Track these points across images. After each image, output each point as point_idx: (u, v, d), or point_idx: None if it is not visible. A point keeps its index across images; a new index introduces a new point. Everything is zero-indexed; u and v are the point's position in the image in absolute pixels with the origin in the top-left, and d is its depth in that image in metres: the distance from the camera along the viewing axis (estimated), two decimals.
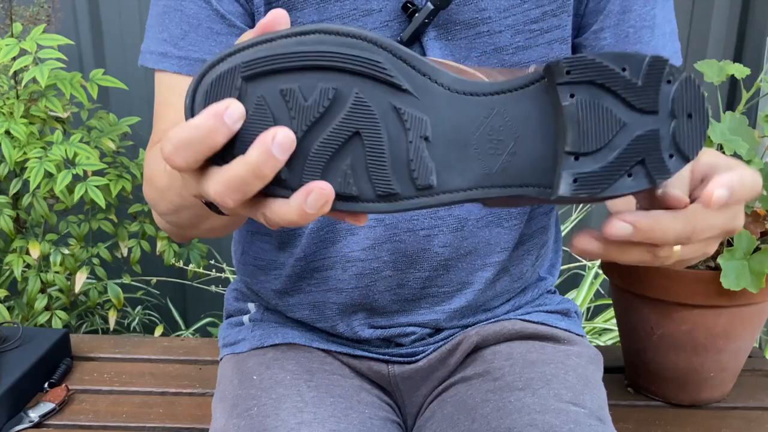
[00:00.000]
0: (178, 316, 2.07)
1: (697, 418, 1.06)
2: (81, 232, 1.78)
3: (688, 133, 0.45)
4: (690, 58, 1.96)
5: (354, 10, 0.75)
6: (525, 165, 0.47)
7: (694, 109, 0.45)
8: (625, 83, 0.45)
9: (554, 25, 0.78)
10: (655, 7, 0.80)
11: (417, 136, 0.45)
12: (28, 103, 1.65)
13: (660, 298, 1.02)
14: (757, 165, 1.00)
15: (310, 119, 0.44)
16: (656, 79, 0.45)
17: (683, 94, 0.45)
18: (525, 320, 0.89)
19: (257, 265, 0.90)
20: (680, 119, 0.45)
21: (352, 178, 0.45)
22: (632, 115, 0.45)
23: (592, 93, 0.45)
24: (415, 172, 0.45)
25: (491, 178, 0.47)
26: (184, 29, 0.77)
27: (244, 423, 0.75)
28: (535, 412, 0.74)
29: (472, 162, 0.46)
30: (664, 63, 0.45)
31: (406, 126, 0.45)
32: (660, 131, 0.45)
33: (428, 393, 0.88)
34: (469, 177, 0.46)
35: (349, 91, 0.44)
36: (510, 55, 0.78)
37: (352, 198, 0.45)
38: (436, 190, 0.46)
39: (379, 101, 0.45)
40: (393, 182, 0.45)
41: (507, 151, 0.47)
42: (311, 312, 0.87)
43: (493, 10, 0.76)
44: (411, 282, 0.83)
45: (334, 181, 0.45)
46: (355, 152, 0.45)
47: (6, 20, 1.64)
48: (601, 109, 0.45)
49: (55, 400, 1.06)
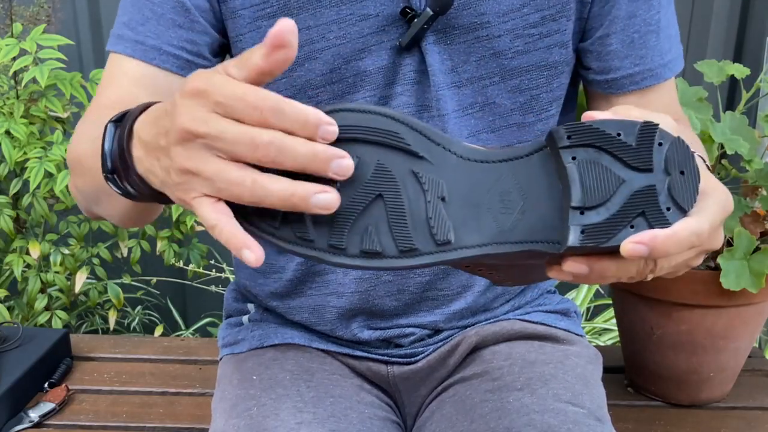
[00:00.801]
0: (178, 316, 2.07)
1: (697, 418, 1.06)
2: (81, 232, 1.78)
3: (682, 187, 0.49)
4: (690, 58, 1.95)
5: (350, 15, 0.75)
6: (535, 222, 0.50)
7: (686, 167, 0.49)
8: (620, 145, 0.49)
9: (554, 30, 0.78)
10: (660, 11, 0.80)
11: (435, 197, 0.49)
12: (28, 103, 1.65)
13: (660, 298, 1.02)
14: (757, 165, 1.00)
15: (337, 185, 0.47)
16: (649, 142, 0.49)
17: (674, 154, 0.49)
18: (524, 320, 0.89)
19: (257, 269, 0.90)
20: (674, 176, 0.49)
21: (376, 236, 0.48)
22: (630, 173, 0.49)
23: (592, 154, 0.49)
24: (434, 228, 0.49)
25: (504, 234, 0.50)
26: (146, 15, 0.77)
27: (243, 423, 0.75)
28: (533, 412, 0.74)
29: (486, 220, 0.50)
30: (654, 127, 0.49)
31: (424, 188, 0.49)
32: (656, 187, 0.49)
33: (428, 393, 0.88)
34: (484, 233, 0.50)
35: (371, 159, 0.48)
36: (509, 59, 0.78)
37: (377, 254, 0.48)
38: (454, 245, 0.49)
39: (398, 167, 0.49)
40: (414, 238, 0.49)
41: (517, 209, 0.51)
42: (310, 315, 0.87)
43: (493, 15, 0.76)
44: (411, 287, 0.83)
45: (358, 239, 0.48)
46: (378, 213, 0.49)
47: (6, 20, 1.64)
48: (601, 167, 0.49)
49: (55, 400, 1.06)
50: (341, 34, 0.75)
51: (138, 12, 0.78)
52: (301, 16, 0.75)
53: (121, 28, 0.79)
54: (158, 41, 0.77)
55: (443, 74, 0.77)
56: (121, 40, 0.78)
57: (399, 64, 0.77)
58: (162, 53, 0.77)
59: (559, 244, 0.50)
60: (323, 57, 0.76)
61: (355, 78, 0.77)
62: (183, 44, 0.78)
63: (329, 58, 0.76)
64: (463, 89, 0.78)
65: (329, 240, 0.48)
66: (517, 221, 0.50)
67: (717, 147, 1.02)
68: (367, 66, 0.76)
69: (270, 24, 0.75)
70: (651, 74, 0.81)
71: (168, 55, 0.77)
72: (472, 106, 0.79)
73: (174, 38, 0.77)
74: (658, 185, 0.49)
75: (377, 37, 0.75)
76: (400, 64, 0.77)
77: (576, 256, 0.50)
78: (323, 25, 0.75)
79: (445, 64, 0.77)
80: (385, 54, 0.76)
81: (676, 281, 0.99)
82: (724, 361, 1.05)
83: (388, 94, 0.77)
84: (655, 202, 0.48)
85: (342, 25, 0.75)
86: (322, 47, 0.76)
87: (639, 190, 0.48)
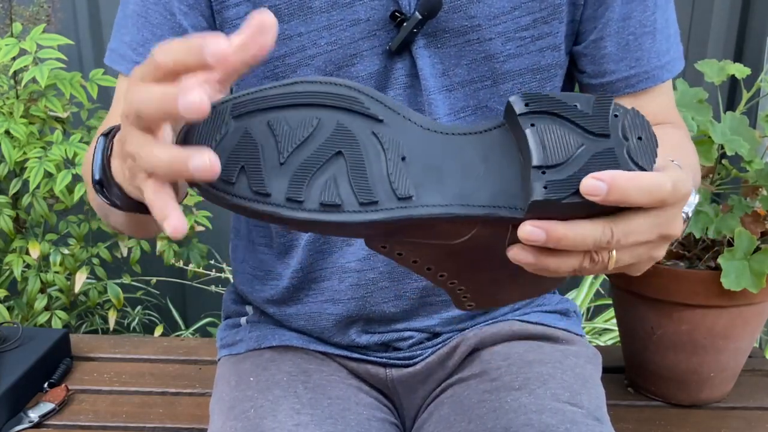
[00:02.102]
0: (178, 316, 2.07)
1: (697, 418, 1.06)
2: (81, 232, 1.78)
3: (641, 151, 0.50)
4: (690, 58, 1.95)
5: (341, 20, 0.75)
6: (497, 189, 0.51)
7: (643, 133, 0.50)
8: (577, 113, 0.50)
9: (545, 32, 0.77)
10: (656, 11, 0.79)
11: (395, 155, 0.49)
12: (28, 103, 1.64)
13: (660, 298, 1.02)
14: (757, 165, 1.00)
15: (296, 142, 0.48)
16: (604, 112, 0.50)
17: (631, 123, 0.50)
18: (523, 321, 0.88)
19: (255, 274, 0.90)
20: (632, 141, 0.50)
21: (335, 189, 0.48)
22: (588, 138, 0.50)
23: (550, 120, 0.50)
24: (395, 183, 0.49)
25: (466, 198, 0.50)
26: (145, 36, 0.78)
27: (241, 425, 0.74)
28: (531, 412, 0.74)
29: (448, 183, 0.50)
30: (609, 99, 0.50)
31: (385, 147, 0.49)
32: (615, 150, 0.49)
33: (426, 395, 0.88)
34: (446, 195, 0.50)
35: (331, 120, 0.49)
36: (501, 63, 0.77)
37: (336, 207, 0.48)
38: (415, 202, 0.49)
39: (358, 128, 0.49)
40: (374, 192, 0.48)
41: (480, 176, 0.51)
42: (307, 322, 0.87)
43: (483, 18, 0.75)
44: (409, 293, 0.82)
45: (317, 192, 0.47)
46: (337, 167, 0.48)
47: (6, 20, 1.64)
48: (560, 131, 0.50)
49: (54, 400, 1.06)
50: (332, 40, 0.75)
51: (138, 32, 0.78)
52: (293, 22, 0.75)
53: (123, 47, 0.79)
54: None
55: (434, 78, 0.77)
56: (123, 60, 0.79)
57: (390, 68, 0.77)
58: None
59: (521, 210, 0.50)
60: (315, 63, 0.76)
61: None
62: None
63: (321, 64, 0.76)
64: (454, 93, 0.78)
65: (287, 193, 0.47)
66: (479, 187, 0.50)
67: (717, 148, 1.02)
68: (359, 71, 0.76)
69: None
70: (647, 77, 0.80)
71: None
72: (464, 110, 0.79)
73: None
74: (617, 149, 0.49)
75: (368, 42, 0.75)
76: (392, 68, 0.77)
77: (535, 220, 0.48)
78: (314, 31, 0.75)
79: (436, 68, 0.77)
80: (377, 59, 0.76)
81: (676, 281, 0.99)
82: (725, 361, 1.05)
83: None
84: (615, 162, 0.49)
85: (333, 30, 0.75)
86: (314, 54, 0.76)
87: (599, 152, 0.49)
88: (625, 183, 0.47)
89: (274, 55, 0.76)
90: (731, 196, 1.03)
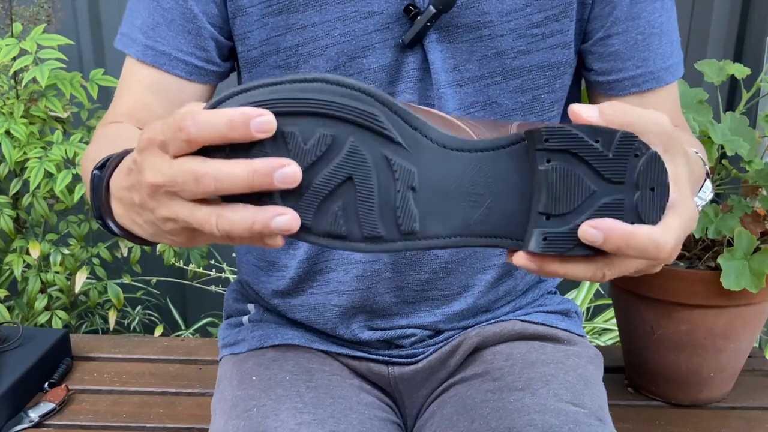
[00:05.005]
0: (178, 316, 2.07)
1: (697, 418, 1.06)
2: (81, 232, 1.78)
3: (649, 204, 0.49)
4: (690, 58, 1.95)
5: (355, 12, 0.75)
6: (499, 218, 0.51)
7: (657, 184, 0.49)
8: (596, 154, 0.49)
9: (556, 30, 0.78)
10: (663, 15, 0.80)
11: (404, 186, 0.49)
12: (28, 103, 1.64)
13: (660, 298, 1.02)
14: (757, 165, 1.00)
15: (308, 161, 0.48)
16: (625, 153, 0.49)
17: (648, 169, 0.49)
18: (525, 321, 0.89)
19: (260, 265, 0.90)
20: (644, 191, 0.49)
21: (342, 219, 0.49)
22: (601, 184, 0.49)
23: (567, 160, 0.49)
24: (400, 218, 0.50)
25: (469, 228, 0.51)
26: (156, 20, 0.79)
27: (243, 424, 0.75)
28: (534, 412, 0.74)
29: (453, 212, 0.51)
30: (633, 138, 0.49)
31: (396, 176, 0.49)
32: (624, 201, 0.49)
33: (428, 394, 0.88)
34: (450, 226, 0.51)
35: (345, 138, 0.48)
36: (511, 59, 0.78)
37: (341, 237, 0.49)
38: (419, 235, 0.50)
39: (372, 150, 0.49)
40: (379, 226, 0.49)
41: (485, 205, 0.51)
42: (311, 314, 0.87)
43: (495, 14, 0.76)
44: (411, 284, 0.83)
45: (325, 220, 0.48)
46: (346, 195, 0.49)
47: (6, 20, 1.64)
48: (574, 176, 0.49)
49: (55, 400, 1.06)
50: (346, 31, 0.75)
51: (149, 16, 0.79)
52: (307, 12, 0.76)
53: (133, 30, 0.80)
54: (168, 47, 0.79)
55: (445, 73, 0.77)
56: (134, 43, 0.80)
57: (402, 62, 0.77)
58: (172, 59, 0.79)
59: (521, 242, 0.51)
60: (327, 54, 0.76)
61: (358, 75, 0.77)
62: (192, 50, 0.79)
63: (333, 55, 0.76)
64: (464, 88, 0.78)
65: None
66: (484, 216, 0.51)
67: (717, 148, 1.02)
68: (370, 63, 0.77)
69: (277, 21, 0.76)
70: (653, 77, 0.81)
71: (178, 61, 0.79)
72: (474, 105, 0.79)
73: (183, 44, 0.79)
74: (626, 199, 0.49)
75: (381, 35, 0.76)
76: (403, 62, 0.77)
77: (531, 255, 0.50)
78: (328, 22, 0.75)
79: (447, 63, 0.77)
80: (389, 52, 0.76)
81: (676, 281, 0.99)
82: (725, 361, 1.05)
83: (391, 91, 0.78)
84: (620, 216, 0.49)
85: (347, 22, 0.75)
86: (327, 44, 0.76)
87: (607, 203, 0.49)
88: (618, 238, 0.48)
89: (288, 44, 0.77)
90: (731, 196, 1.04)
